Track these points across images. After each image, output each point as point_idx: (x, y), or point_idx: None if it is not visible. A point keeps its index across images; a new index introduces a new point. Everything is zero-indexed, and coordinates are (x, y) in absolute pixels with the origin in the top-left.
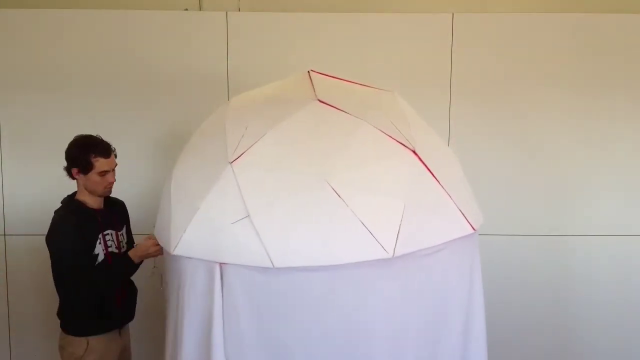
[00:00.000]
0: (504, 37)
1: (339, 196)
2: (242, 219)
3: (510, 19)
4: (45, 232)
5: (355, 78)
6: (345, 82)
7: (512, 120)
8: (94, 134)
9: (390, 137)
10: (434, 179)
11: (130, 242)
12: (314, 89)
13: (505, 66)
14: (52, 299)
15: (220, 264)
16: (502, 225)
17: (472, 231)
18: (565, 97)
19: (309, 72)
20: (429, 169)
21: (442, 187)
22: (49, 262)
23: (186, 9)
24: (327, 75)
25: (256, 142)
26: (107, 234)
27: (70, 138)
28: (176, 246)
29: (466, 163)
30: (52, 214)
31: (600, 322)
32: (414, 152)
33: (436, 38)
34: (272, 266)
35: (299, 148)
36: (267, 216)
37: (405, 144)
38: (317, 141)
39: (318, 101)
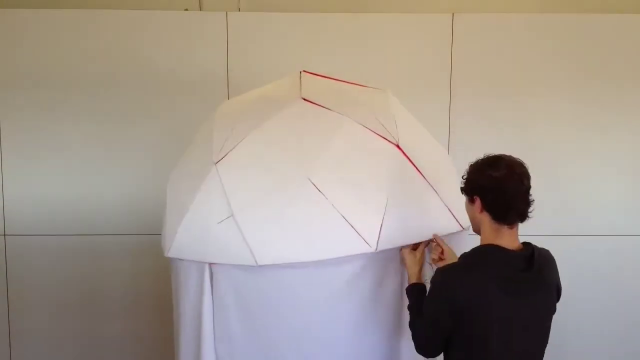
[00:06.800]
0: (504, 37)
1: (321, 192)
2: (227, 218)
3: (510, 19)
4: (45, 232)
5: (355, 78)
6: (336, 81)
7: (512, 120)
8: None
9: (374, 132)
10: (418, 173)
11: None
12: (300, 88)
13: (505, 66)
14: (52, 299)
15: (210, 264)
16: None
17: (460, 229)
18: (565, 97)
19: (300, 72)
20: (413, 163)
21: (428, 182)
22: (49, 262)
23: (186, 9)
24: (319, 75)
25: (240, 142)
26: None
27: (70, 138)
28: (169, 249)
29: (465, 163)
30: (52, 214)
31: (602, 323)
32: (397, 146)
33: (436, 38)
34: (255, 264)
35: (282, 146)
36: (250, 215)
37: (389, 139)
38: (300, 139)
39: (302, 100)
